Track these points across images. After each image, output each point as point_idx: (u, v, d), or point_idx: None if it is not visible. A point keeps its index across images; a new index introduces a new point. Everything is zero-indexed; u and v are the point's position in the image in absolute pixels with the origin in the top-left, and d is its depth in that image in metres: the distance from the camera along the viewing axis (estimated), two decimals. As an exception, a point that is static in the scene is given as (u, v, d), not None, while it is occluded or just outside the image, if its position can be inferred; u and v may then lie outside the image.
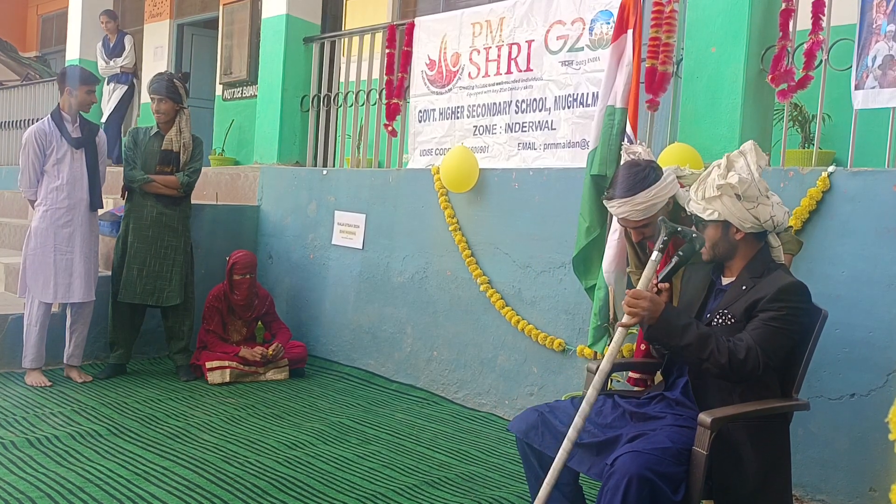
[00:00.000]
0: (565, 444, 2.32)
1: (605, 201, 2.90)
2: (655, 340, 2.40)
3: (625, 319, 2.33)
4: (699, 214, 2.47)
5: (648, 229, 2.85)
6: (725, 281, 2.50)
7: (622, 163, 3.00)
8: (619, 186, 2.79)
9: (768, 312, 2.31)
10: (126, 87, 8.40)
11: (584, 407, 2.32)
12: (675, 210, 2.87)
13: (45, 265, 4.56)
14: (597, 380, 2.34)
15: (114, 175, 5.89)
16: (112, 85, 8.44)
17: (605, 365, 2.35)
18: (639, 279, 3.31)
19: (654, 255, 2.38)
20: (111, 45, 8.42)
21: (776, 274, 2.40)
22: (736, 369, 2.27)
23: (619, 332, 2.36)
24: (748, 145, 2.46)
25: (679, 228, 2.40)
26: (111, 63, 8.35)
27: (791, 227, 3.17)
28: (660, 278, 2.49)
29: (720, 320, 2.41)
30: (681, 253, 2.51)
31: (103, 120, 8.24)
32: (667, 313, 2.30)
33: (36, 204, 4.64)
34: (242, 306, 5.10)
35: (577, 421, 2.31)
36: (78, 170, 4.63)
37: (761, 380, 2.35)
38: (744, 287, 2.40)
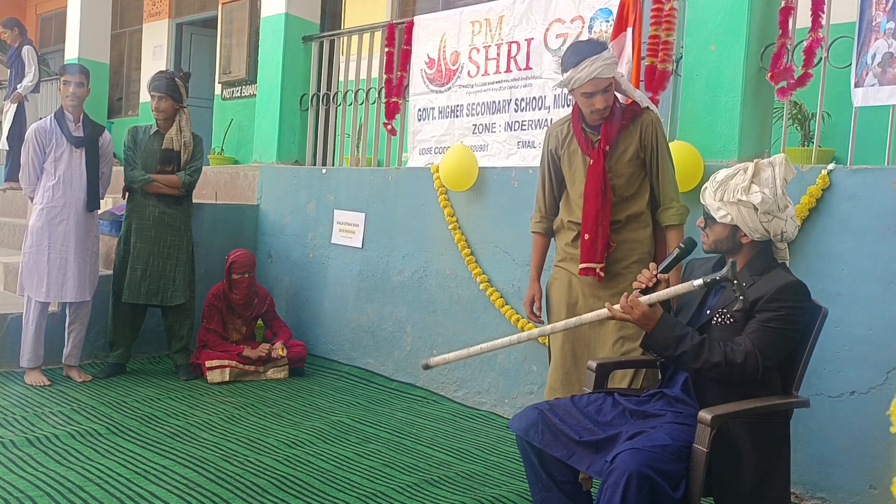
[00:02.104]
0: (508, 339, 2.49)
1: (569, 71, 3.02)
2: (651, 349, 2.42)
3: (616, 308, 2.38)
4: (711, 212, 2.45)
5: (610, 95, 3.06)
6: None
7: (569, 45, 3.29)
8: (582, 50, 3.01)
9: (766, 313, 2.31)
10: (14, 105, 7.72)
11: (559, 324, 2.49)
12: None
13: (40, 263, 4.55)
14: (571, 321, 2.50)
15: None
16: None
17: (576, 319, 2.48)
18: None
19: (699, 281, 2.38)
20: (9, 54, 7.89)
21: (776, 272, 2.40)
22: (734, 372, 2.28)
23: (601, 311, 2.43)
24: (779, 158, 2.42)
25: (736, 281, 2.38)
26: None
27: None
28: (659, 269, 2.49)
29: (720, 319, 2.41)
30: (682, 245, 2.50)
31: (4, 136, 7.74)
32: (662, 323, 2.33)
33: (34, 202, 4.64)
34: (242, 305, 5.10)
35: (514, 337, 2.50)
36: (76, 169, 4.62)
37: (763, 379, 2.35)
38: (744, 284, 2.40)
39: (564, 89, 3.16)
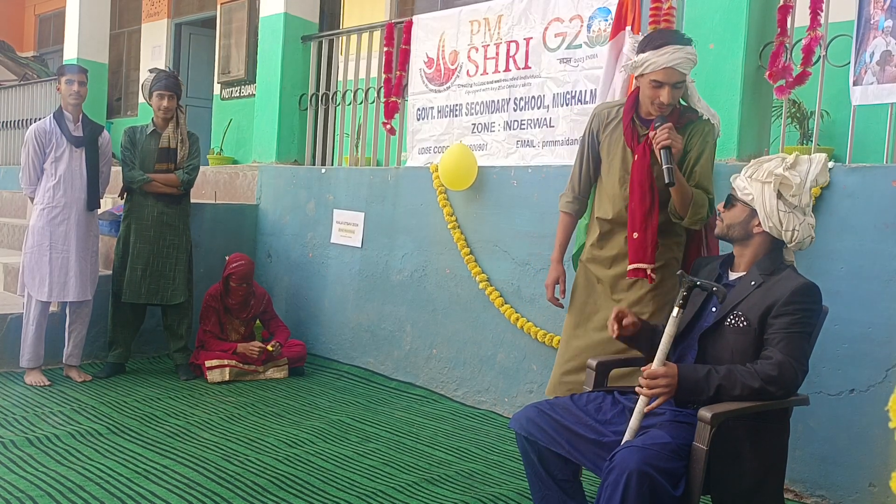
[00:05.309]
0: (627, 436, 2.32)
1: (647, 52, 2.85)
2: (688, 403, 2.35)
3: (646, 391, 2.29)
4: (736, 191, 2.46)
5: (678, 93, 2.92)
6: (733, 276, 2.49)
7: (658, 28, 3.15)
8: (668, 36, 2.87)
9: (785, 317, 2.29)
10: None
11: (628, 436, 2.33)
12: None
13: (42, 263, 4.56)
14: (634, 422, 2.33)
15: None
16: None
17: (633, 424, 2.33)
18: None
19: (675, 311, 2.34)
20: None
21: (787, 273, 2.39)
22: (775, 387, 2.24)
23: (641, 402, 2.32)
24: (819, 157, 2.43)
25: (699, 282, 2.38)
26: None
27: None
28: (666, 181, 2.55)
29: (733, 321, 2.38)
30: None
31: None
32: (684, 373, 2.27)
33: (34, 202, 4.65)
34: (238, 307, 5.10)
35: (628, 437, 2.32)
36: (76, 168, 4.63)
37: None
38: (752, 283, 2.39)
39: (633, 73, 2.96)
